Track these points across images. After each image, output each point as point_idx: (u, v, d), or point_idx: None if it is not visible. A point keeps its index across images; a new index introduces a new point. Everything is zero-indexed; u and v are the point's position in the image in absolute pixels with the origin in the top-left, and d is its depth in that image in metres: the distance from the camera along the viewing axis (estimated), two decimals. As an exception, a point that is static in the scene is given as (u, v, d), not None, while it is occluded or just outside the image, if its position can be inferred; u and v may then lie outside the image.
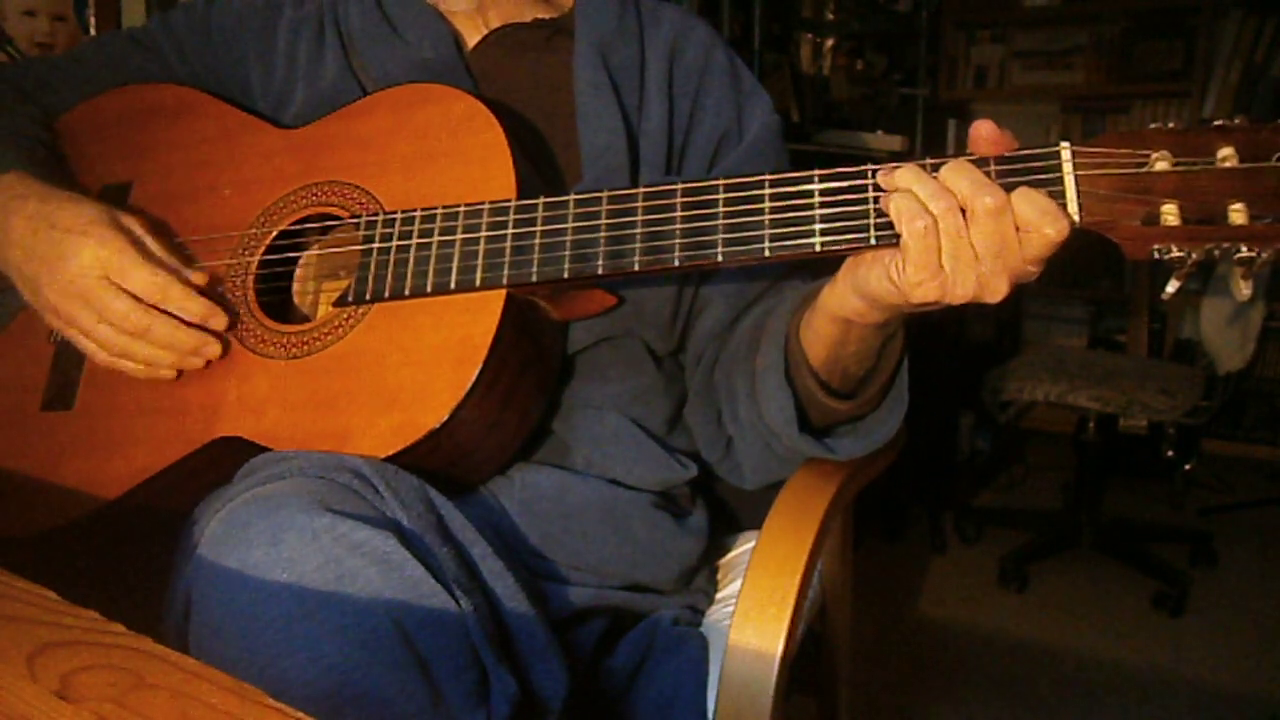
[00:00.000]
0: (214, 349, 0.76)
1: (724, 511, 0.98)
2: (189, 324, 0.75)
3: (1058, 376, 2.27)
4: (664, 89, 0.86)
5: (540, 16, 0.88)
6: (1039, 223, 0.59)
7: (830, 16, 3.33)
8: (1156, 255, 0.60)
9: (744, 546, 0.99)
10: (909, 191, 0.61)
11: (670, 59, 0.88)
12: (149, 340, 0.74)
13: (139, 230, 0.77)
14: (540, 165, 0.81)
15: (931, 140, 3.23)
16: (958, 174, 0.60)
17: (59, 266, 0.73)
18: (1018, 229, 0.59)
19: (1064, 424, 2.86)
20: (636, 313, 0.83)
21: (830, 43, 3.35)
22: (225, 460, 0.72)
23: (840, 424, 0.79)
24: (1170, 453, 2.79)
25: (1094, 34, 3.45)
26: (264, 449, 0.72)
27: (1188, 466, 2.88)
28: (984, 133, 0.62)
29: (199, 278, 0.77)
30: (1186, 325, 3.23)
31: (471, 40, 0.87)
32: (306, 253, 0.82)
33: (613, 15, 0.88)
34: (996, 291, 0.61)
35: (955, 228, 0.60)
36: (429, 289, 0.72)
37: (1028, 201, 0.59)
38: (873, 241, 0.63)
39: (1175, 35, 3.28)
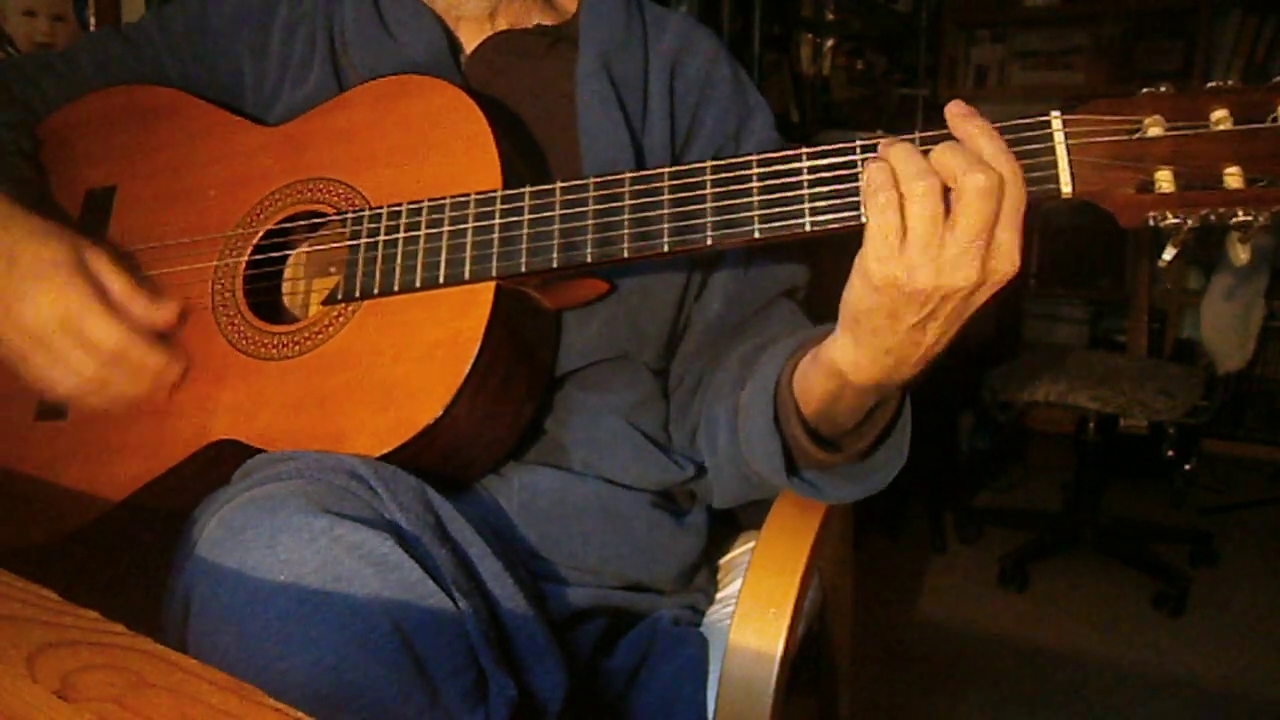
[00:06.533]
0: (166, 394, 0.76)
1: (724, 511, 0.98)
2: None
3: (1058, 376, 2.27)
4: (665, 100, 0.85)
5: (543, 23, 0.87)
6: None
7: (830, 16, 3.33)
8: (1151, 223, 0.59)
9: (744, 546, 0.98)
10: (885, 163, 0.59)
11: (672, 70, 0.86)
12: (103, 393, 0.73)
13: (104, 271, 0.74)
14: (535, 167, 0.80)
15: (931, 140, 3.23)
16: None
17: (15, 308, 0.71)
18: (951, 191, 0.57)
19: (1064, 424, 2.85)
20: (636, 336, 0.82)
21: (830, 43, 3.35)
22: (222, 463, 0.71)
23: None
24: (1170, 453, 2.79)
25: (1094, 34, 3.45)
26: (259, 452, 0.71)
27: (1188, 466, 2.88)
28: (957, 111, 0.60)
29: (167, 313, 0.76)
30: (1186, 325, 3.22)
31: (471, 45, 0.86)
32: (295, 251, 0.81)
33: (618, 23, 0.86)
34: (965, 279, 0.58)
35: (933, 212, 0.57)
36: (418, 284, 0.72)
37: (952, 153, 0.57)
38: (864, 219, 0.61)
39: (1175, 35, 3.28)
